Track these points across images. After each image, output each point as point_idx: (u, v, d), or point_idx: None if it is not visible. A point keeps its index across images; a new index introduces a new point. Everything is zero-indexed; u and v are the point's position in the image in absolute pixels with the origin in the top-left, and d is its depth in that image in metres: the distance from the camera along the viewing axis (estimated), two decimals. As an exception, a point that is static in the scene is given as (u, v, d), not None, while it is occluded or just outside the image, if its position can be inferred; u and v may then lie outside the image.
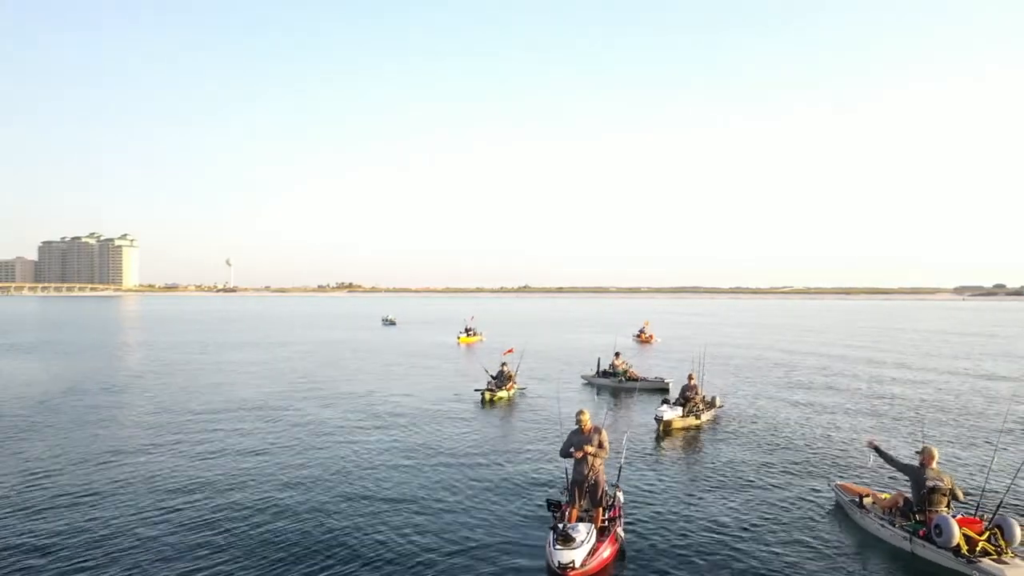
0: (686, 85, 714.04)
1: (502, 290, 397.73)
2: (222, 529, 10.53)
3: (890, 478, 12.86)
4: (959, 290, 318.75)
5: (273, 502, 11.77)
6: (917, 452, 10.33)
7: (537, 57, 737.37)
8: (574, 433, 10.28)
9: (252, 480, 13.16)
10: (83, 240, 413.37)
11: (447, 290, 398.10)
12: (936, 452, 10.07)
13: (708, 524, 10.77)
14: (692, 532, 10.45)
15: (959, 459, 14.92)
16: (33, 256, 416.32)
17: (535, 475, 13.44)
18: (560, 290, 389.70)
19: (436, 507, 11.50)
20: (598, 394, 24.22)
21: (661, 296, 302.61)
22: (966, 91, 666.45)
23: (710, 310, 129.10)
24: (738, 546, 9.91)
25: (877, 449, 10.96)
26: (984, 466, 13.34)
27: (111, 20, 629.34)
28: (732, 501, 11.90)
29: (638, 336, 50.97)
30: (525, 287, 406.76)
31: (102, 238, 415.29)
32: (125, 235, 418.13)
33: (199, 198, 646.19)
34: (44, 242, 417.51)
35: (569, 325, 74.83)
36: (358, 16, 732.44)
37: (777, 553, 9.67)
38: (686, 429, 17.82)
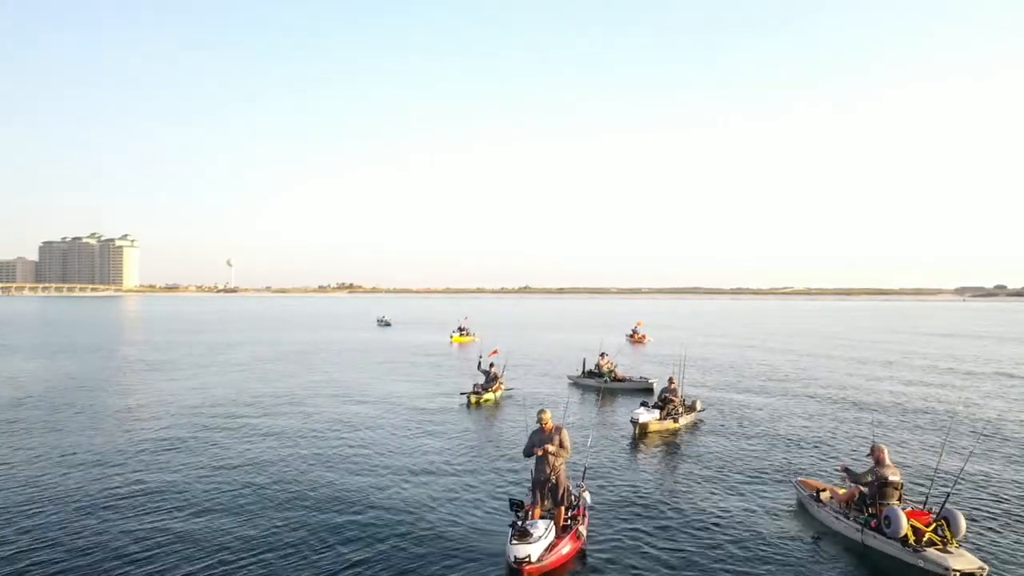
0: (686, 85, 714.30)
1: (503, 291, 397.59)
2: (187, 529, 10.77)
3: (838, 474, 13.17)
4: (960, 291, 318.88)
5: (235, 498, 12.10)
6: (868, 454, 10.70)
7: (537, 57, 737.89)
8: (536, 432, 10.40)
9: (225, 474, 13.51)
10: (84, 240, 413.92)
11: (447, 291, 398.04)
12: (886, 448, 10.43)
13: (673, 523, 10.99)
14: (656, 531, 10.64)
15: (912, 454, 15.44)
16: (34, 256, 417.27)
17: (506, 476, 13.64)
18: (561, 291, 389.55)
19: (402, 505, 11.71)
20: (583, 394, 24.41)
21: (662, 297, 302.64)
22: (966, 91, 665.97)
23: (710, 311, 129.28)
24: (700, 542, 10.16)
25: (847, 470, 11.24)
26: (934, 461, 13.63)
27: (111, 20, 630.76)
28: (699, 501, 12.12)
29: (631, 336, 51.18)
30: (526, 288, 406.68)
31: (103, 238, 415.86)
32: (126, 235, 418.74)
33: (199, 198, 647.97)
34: (45, 242, 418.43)
35: (564, 326, 75.08)
36: (358, 16, 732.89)
37: (736, 549, 9.93)
38: (663, 432, 17.66)
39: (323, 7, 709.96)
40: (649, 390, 23.64)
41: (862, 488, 10.47)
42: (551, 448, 10.02)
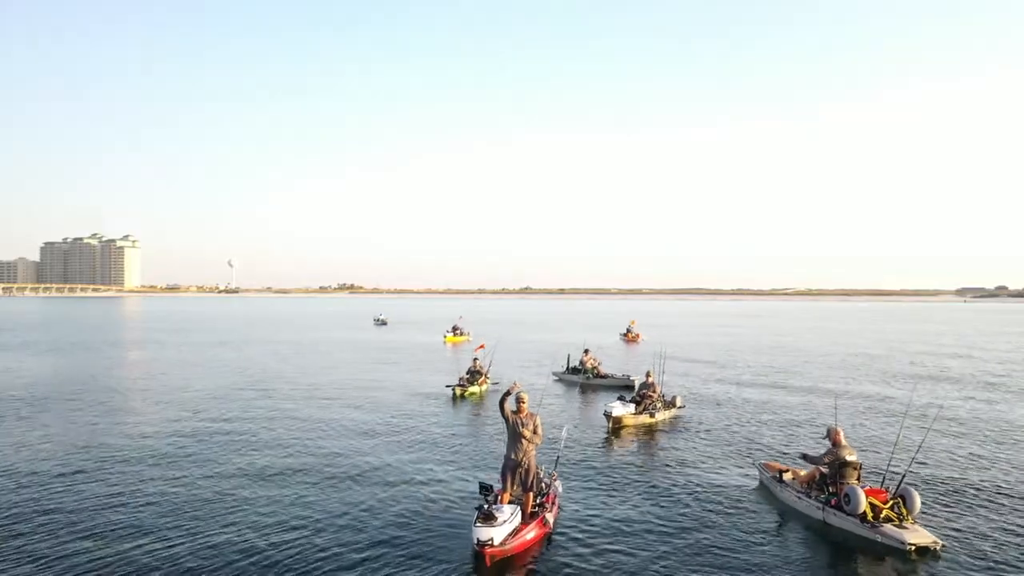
0: (686, 85, 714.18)
1: (503, 291, 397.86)
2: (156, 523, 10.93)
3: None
4: (961, 292, 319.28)
5: (206, 489, 12.32)
6: (824, 436, 10.97)
7: (538, 56, 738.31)
8: (513, 413, 10.44)
9: (198, 466, 13.71)
10: (85, 241, 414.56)
11: (448, 291, 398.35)
12: (842, 430, 10.75)
13: (641, 510, 11.02)
14: (624, 517, 10.65)
15: (871, 437, 16.21)
16: (35, 257, 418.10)
17: (480, 464, 13.77)
18: (561, 291, 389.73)
19: (375, 491, 11.84)
20: (566, 390, 24.58)
21: (662, 297, 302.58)
22: (967, 91, 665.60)
23: (709, 311, 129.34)
24: (666, 526, 10.25)
25: (805, 456, 11.53)
26: (892, 443, 13.97)
27: (110, 20, 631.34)
28: (667, 488, 12.18)
29: (625, 335, 51.45)
30: (526, 288, 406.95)
31: (104, 239, 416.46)
32: (127, 236, 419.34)
33: (200, 198, 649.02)
34: (46, 243, 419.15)
35: (561, 325, 75.17)
36: (358, 16, 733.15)
37: (700, 532, 10.03)
38: (638, 427, 17.43)
39: (323, 7, 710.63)
40: (630, 387, 23.66)
41: (822, 469, 10.67)
42: (526, 433, 10.08)
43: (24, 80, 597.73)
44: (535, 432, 10.17)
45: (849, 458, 10.29)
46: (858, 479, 10.27)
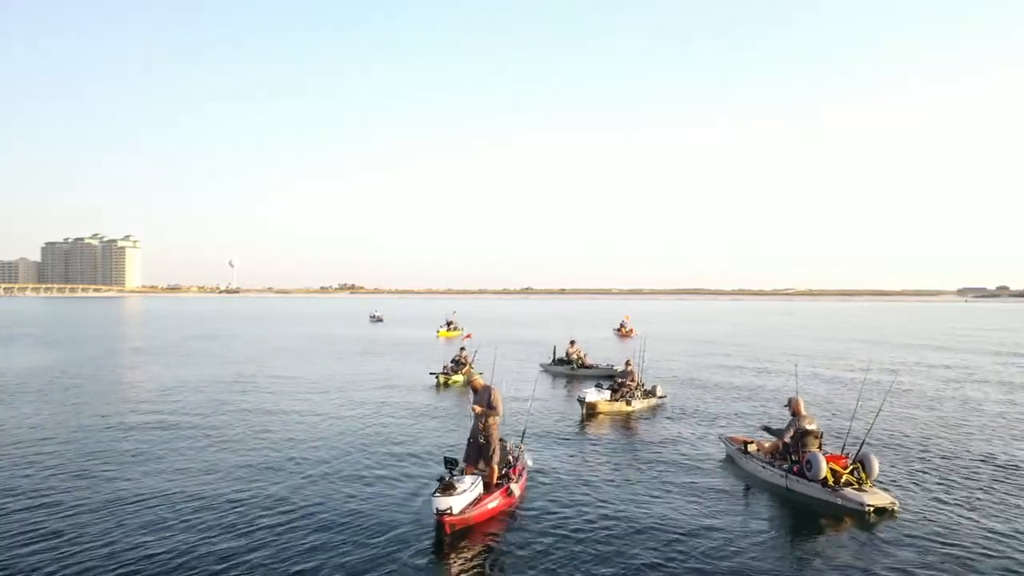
0: (686, 85, 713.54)
1: (504, 291, 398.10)
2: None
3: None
4: (962, 292, 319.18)
5: (181, 468, 12.54)
6: (785, 405, 11.16)
7: (538, 56, 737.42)
8: (473, 396, 10.67)
9: (183, 456, 13.93)
10: (86, 241, 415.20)
11: (449, 292, 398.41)
12: (802, 400, 10.96)
13: (607, 484, 11.16)
14: (591, 492, 10.76)
15: (832, 408, 17.41)
16: (36, 257, 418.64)
17: (455, 445, 13.67)
18: (563, 291, 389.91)
19: (351, 468, 12.06)
20: (552, 380, 24.84)
21: (663, 297, 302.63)
22: (967, 91, 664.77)
23: (708, 311, 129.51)
24: (632, 501, 10.36)
25: (767, 429, 11.75)
26: (851, 413, 14.15)
27: (110, 20, 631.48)
28: (636, 464, 12.37)
29: (618, 330, 51.80)
30: (528, 289, 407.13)
31: (105, 239, 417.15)
32: (128, 236, 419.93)
33: (200, 198, 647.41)
34: (47, 243, 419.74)
35: (557, 322, 75.33)
36: (358, 16, 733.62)
37: (666, 505, 10.18)
38: (613, 413, 17.29)
39: (323, 6, 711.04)
40: (614, 376, 23.68)
41: (785, 440, 10.83)
42: (478, 409, 10.25)
43: (24, 80, 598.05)
44: (491, 406, 10.29)
45: (809, 427, 10.49)
46: (819, 447, 10.45)
